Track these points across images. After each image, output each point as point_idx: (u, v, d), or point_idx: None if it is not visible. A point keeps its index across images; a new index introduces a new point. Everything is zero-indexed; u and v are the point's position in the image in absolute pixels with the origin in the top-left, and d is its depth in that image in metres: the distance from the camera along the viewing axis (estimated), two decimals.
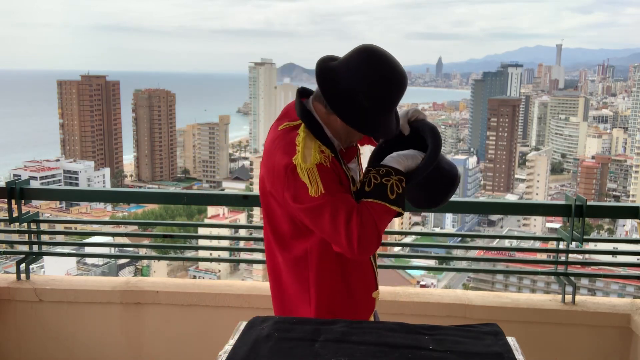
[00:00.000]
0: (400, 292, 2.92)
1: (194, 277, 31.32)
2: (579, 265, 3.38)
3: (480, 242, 46.41)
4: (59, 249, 3.87)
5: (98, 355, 3.09)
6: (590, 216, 2.88)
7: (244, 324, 1.75)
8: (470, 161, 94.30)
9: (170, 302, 3.03)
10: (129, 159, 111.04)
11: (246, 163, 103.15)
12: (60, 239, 3.57)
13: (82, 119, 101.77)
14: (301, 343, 1.60)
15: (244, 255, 4.20)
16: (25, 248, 3.26)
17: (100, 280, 3.21)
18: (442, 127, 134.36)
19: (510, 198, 76.16)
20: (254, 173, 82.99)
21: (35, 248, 3.25)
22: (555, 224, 55.85)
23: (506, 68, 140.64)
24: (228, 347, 1.62)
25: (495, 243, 41.61)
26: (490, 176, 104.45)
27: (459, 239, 51.55)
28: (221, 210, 52.38)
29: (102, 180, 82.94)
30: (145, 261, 48.25)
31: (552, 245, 3.11)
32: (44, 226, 3.52)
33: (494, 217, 79.03)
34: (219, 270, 49.94)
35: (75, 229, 5.82)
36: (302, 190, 1.69)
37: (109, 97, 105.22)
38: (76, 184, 76.48)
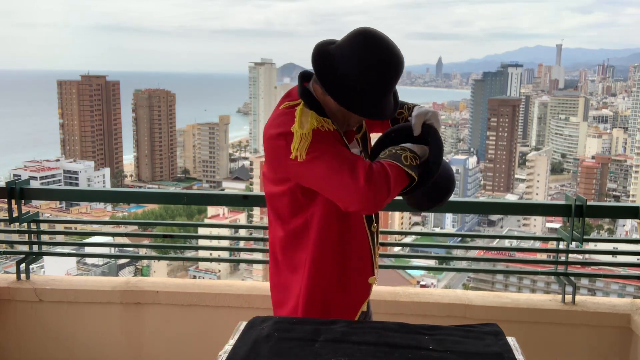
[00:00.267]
0: (400, 292, 2.92)
1: (194, 277, 31.33)
2: (579, 265, 3.38)
3: (480, 242, 46.39)
4: (59, 249, 3.87)
5: (98, 355, 3.09)
6: (590, 216, 2.88)
7: (244, 324, 1.75)
8: (470, 161, 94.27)
9: (170, 302, 3.03)
10: (129, 159, 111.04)
11: (246, 163, 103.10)
12: (60, 239, 3.57)
13: (82, 119, 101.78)
14: (301, 343, 1.60)
15: (244, 255, 4.21)
16: (25, 248, 3.26)
17: (100, 280, 3.21)
18: (442, 127, 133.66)
19: (510, 198, 76.18)
20: (254, 173, 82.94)
21: (35, 248, 3.25)
22: (555, 224, 55.86)
23: (506, 68, 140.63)
24: (228, 347, 1.62)
25: (495, 243, 41.61)
26: (490, 176, 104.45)
27: (459, 239, 51.56)
28: (221, 210, 52.40)
29: (102, 180, 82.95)
30: (145, 261, 48.25)
31: (552, 245, 3.11)
32: (44, 226, 3.52)
33: (494, 217, 79.05)
34: (219, 270, 49.96)
35: (75, 229, 5.82)
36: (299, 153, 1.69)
37: (109, 97, 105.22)
38: (76, 184, 76.49)
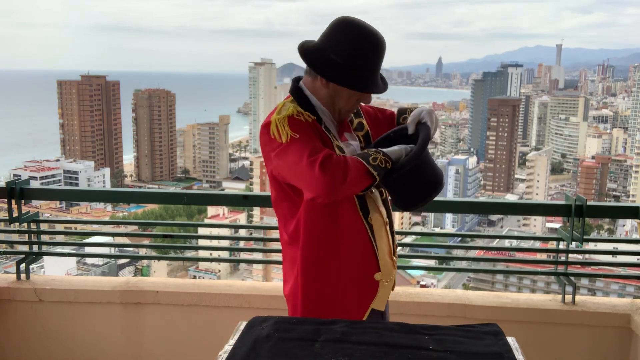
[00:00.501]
0: (400, 292, 2.91)
1: (194, 277, 31.33)
2: (579, 265, 3.38)
3: (480, 242, 46.37)
4: (59, 249, 3.87)
5: (98, 355, 3.09)
6: (590, 216, 2.87)
7: (244, 324, 1.75)
8: (470, 161, 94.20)
9: (170, 302, 3.02)
10: (129, 159, 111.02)
11: (246, 163, 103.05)
12: (60, 239, 3.57)
13: (82, 119, 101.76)
14: (301, 343, 1.60)
15: (244, 255, 4.21)
16: (25, 248, 3.26)
17: (100, 280, 3.21)
18: (442, 127, 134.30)
19: (510, 198, 76.15)
20: (254, 173, 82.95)
21: (35, 248, 3.25)
22: (555, 224, 55.84)
23: (506, 68, 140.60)
24: (228, 347, 1.62)
25: (495, 243, 41.59)
26: (490, 176, 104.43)
27: (459, 239, 51.54)
28: (221, 210, 52.38)
29: (102, 180, 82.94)
30: (145, 261, 48.25)
31: (552, 245, 3.10)
32: (44, 226, 3.52)
33: (494, 217, 79.06)
34: (219, 270, 49.94)
35: (75, 229, 5.82)
36: (276, 140, 1.79)
37: (109, 97, 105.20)
38: (76, 184, 76.47)
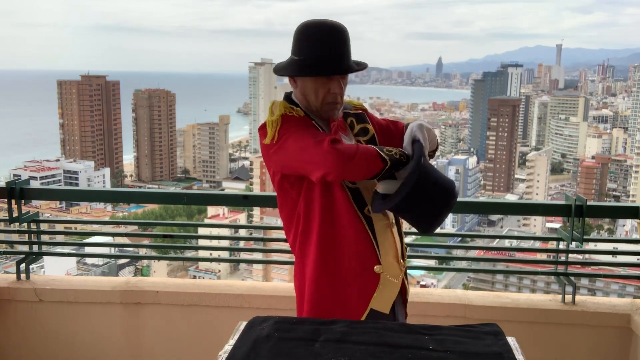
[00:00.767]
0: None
1: (194, 277, 31.33)
2: (579, 265, 3.38)
3: (480, 242, 46.37)
4: (59, 249, 3.87)
5: (98, 355, 3.09)
6: (590, 216, 2.87)
7: (244, 324, 1.75)
8: (470, 161, 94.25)
9: (170, 302, 3.02)
10: (129, 159, 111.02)
11: (246, 163, 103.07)
12: (60, 239, 3.57)
13: (82, 119, 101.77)
14: (301, 343, 1.60)
15: (244, 255, 4.21)
16: (25, 248, 3.26)
17: (100, 280, 3.21)
18: (442, 127, 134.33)
19: (510, 198, 76.15)
20: (254, 173, 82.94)
21: (35, 248, 3.25)
22: (555, 224, 55.85)
23: (506, 68, 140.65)
24: (228, 347, 1.62)
25: (495, 243, 41.60)
26: (490, 176, 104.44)
27: (459, 239, 51.47)
28: (221, 210, 52.38)
29: (102, 180, 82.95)
30: (145, 261, 48.25)
31: (552, 245, 3.10)
32: (44, 226, 3.52)
33: (494, 217, 79.07)
34: (219, 270, 49.95)
35: (75, 229, 5.82)
36: (274, 140, 1.85)
37: (109, 97, 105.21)
38: (76, 184, 76.48)
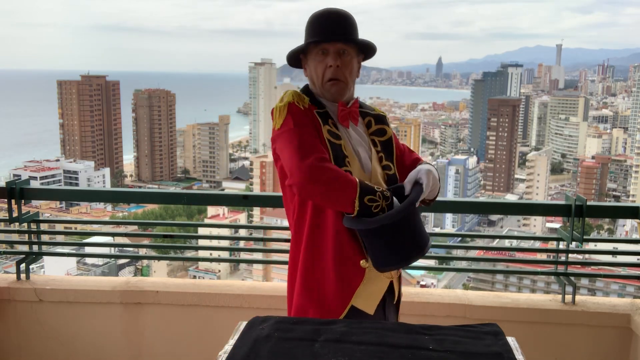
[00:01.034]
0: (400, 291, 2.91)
1: (194, 277, 31.32)
2: (579, 265, 3.38)
3: (480, 242, 46.40)
4: (59, 249, 3.87)
5: (98, 355, 3.09)
6: (590, 216, 2.87)
7: (244, 324, 1.75)
8: (470, 161, 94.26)
9: (170, 302, 3.02)
10: (129, 159, 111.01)
11: (246, 163, 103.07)
12: (60, 239, 3.57)
13: (82, 119, 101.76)
14: (301, 343, 1.60)
15: (244, 255, 4.20)
16: (25, 248, 3.26)
17: (100, 280, 3.21)
18: (442, 127, 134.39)
19: (510, 198, 76.14)
20: (254, 173, 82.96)
21: (35, 248, 3.25)
22: (555, 224, 55.85)
23: (506, 68, 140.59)
24: (228, 347, 1.62)
25: (495, 243, 41.61)
26: (490, 176, 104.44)
27: (459, 239, 51.45)
28: (221, 210, 52.37)
29: (102, 180, 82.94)
30: (145, 261, 48.25)
31: (552, 245, 3.10)
32: (44, 226, 3.52)
33: (494, 217, 79.09)
34: (219, 270, 49.94)
35: (75, 229, 5.83)
36: (278, 125, 1.92)
37: (109, 97, 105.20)
38: (76, 184, 76.47)
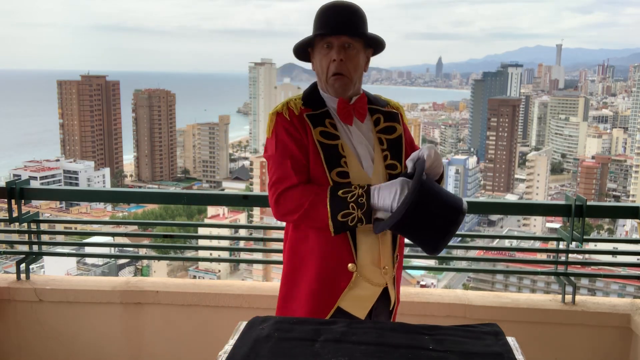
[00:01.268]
0: (400, 292, 2.91)
1: (194, 277, 31.31)
2: (579, 265, 3.38)
3: (480, 242, 46.35)
4: (59, 249, 3.87)
5: (98, 355, 3.09)
6: (590, 216, 2.87)
7: (244, 324, 1.75)
8: (470, 161, 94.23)
9: (170, 302, 3.02)
10: (129, 159, 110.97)
11: (246, 163, 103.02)
12: (60, 239, 3.57)
13: (82, 119, 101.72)
14: (301, 343, 1.60)
15: (244, 255, 4.21)
16: (25, 248, 3.26)
17: (100, 280, 3.21)
18: (442, 127, 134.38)
19: (510, 198, 76.13)
20: (254, 173, 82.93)
21: (35, 248, 3.25)
22: (555, 224, 55.81)
23: (506, 68, 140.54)
24: (228, 347, 1.62)
25: (495, 243, 41.61)
26: (490, 176, 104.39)
27: (459, 239, 51.41)
28: (221, 210, 52.35)
29: (102, 180, 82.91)
30: (145, 261, 48.24)
31: (552, 245, 3.10)
32: (44, 226, 3.52)
33: (494, 217, 79.00)
34: (219, 270, 49.92)
35: (75, 229, 5.82)
36: (267, 141, 2.00)
37: (109, 97, 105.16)
38: (76, 184, 76.44)
